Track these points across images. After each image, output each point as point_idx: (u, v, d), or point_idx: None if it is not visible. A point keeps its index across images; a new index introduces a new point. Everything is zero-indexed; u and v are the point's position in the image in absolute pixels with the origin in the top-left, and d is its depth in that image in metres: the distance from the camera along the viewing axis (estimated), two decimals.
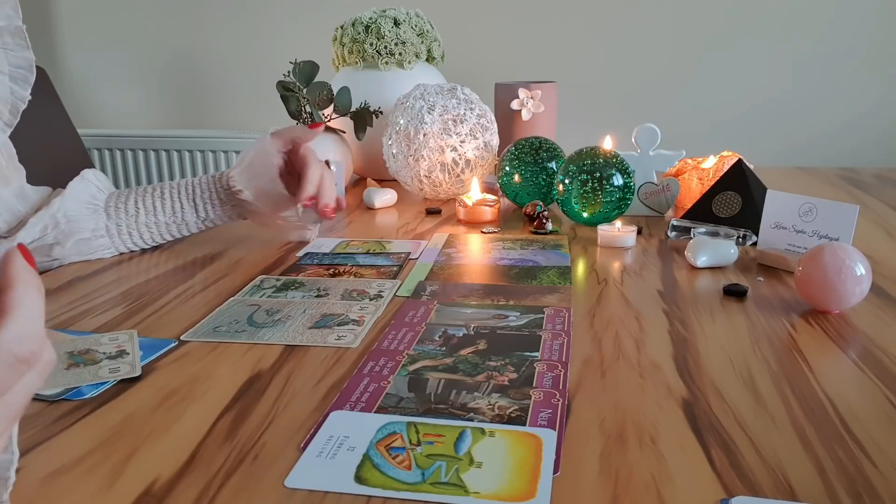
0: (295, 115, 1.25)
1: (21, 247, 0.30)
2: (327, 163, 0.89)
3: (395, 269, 0.80)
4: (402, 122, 1.09)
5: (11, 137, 0.78)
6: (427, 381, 0.51)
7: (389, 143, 1.12)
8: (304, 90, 1.21)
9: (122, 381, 0.52)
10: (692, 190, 1.02)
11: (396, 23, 1.32)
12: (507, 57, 1.93)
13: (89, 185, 0.84)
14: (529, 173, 1.04)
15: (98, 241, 0.82)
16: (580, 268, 0.80)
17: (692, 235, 0.86)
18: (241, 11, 2.07)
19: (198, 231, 0.89)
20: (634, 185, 0.96)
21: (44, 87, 1.32)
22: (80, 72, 2.21)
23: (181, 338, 0.60)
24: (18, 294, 0.28)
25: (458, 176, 1.09)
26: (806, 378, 0.51)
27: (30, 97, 0.76)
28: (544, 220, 0.95)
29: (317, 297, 0.70)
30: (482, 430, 0.44)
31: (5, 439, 0.30)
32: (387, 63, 1.31)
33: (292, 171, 0.88)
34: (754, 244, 0.83)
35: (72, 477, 0.40)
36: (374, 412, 0.47)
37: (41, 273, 0.81)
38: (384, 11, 1.33)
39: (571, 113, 1.75)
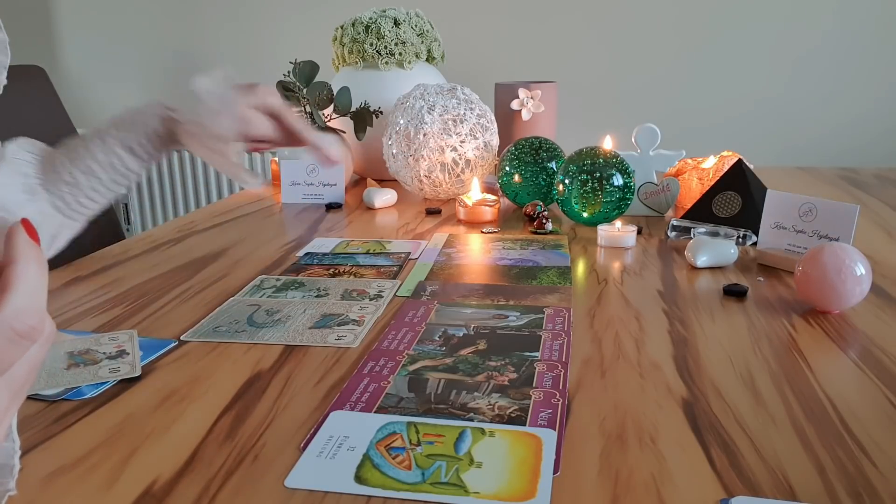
0: None
1: (24, 221, 0.30)
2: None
3: (395, 269, 0.80)
4: (402, 122, 1.09)
5: (11, 137, 0.78)
6: (427, 381, 0.51)
7: (389, 143, 1.12)
8: (304, 90, 1.21)
9: (122, 381, 0.52)
10: (692, 190, 1.01)
11: (396, 23, 1.32)
12: (507, 57, 1.93)
13: (16, 164, 0.75)
14: (529, 173, 1.04)
15: (50, 221, 0.74)
16: (580, 268, 0.80)
17: (692, 235, 0.86)
18: (241, 11, 2.07)
19: (141, 173, 0.80)
20: (634, 185, 0.95)
21: (44, 86, 1.32)
22: (80, 71, 2.21)
23: (181, 338, 0.60)
24: (20, 269, 0.28)
25: (458, 176, 1.09)
26: (806, 378, 0.51)
27: (6, 82, 0.70)
28: (544, 220, 0.95)
29: (317, 297, 0.70)
30: (482, 430, 0.44)
31: (10, 417, 0.30)
32: (387, 63, 1.31)
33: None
34: (754, 244, 0.83)
35: (72, 477, 0.40)
36: (374, 412, 0.47)
37: None
38: (384, 11, 1.33)
39: (571, 113, 1.75)
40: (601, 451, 0.42)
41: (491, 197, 1.03)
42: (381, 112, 1.26)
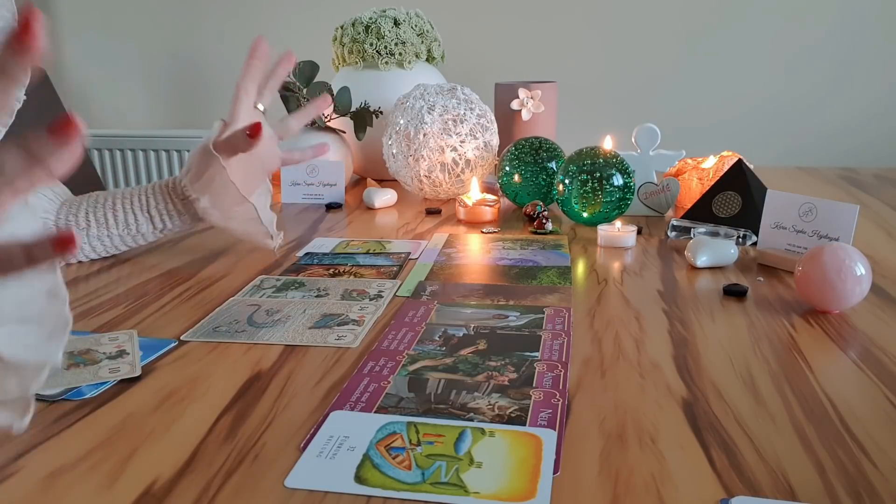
0: None
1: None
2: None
3: (395, 269, 0.80)
4: (402, 122, 1.09)
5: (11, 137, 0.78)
6: (427, 381, 0.51)
7: (389, 143, 1.12)
8: (304, 90, 1.21)
9: (122, 381, 0.52)
10: (692, 190, 1.02)
11: (396, 23, 1.32)
12: (507, 57, 1.93)
13: (40, 198, 0.79)
14: (529, 173, 1.04)
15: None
16: (580, 268, 0.80)
17: (692, 235, 0.86)
18: (240, 11, 2.07)
19: (155, 240, 0.85)
20: (634, 185, 0.96)
21: (44, 87, 1.32)
22: (80, 72, 2.21)
23: (181, 338, 0.60)
24: None
25: (458, 176, 1.09)
26: (806, 378, 0.51)
27: (25, 97, 0.73)
28: (544, 220, 0.95)
29: (317, 297, 0.70)
30: (482, 430, 0.44)
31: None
32: (387, 63, 1.31)
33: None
34: (754, 244, 0.83)
35: (72, 477, 0.40)
36: (374, 412, 0.47)
37: None
38: (384, 11, 1.33)
39: (571, 113, 1.75)
40: (601, 451, 0.42)
41: (491, 197, 1.03)
42: (381, 112, 1.26)
